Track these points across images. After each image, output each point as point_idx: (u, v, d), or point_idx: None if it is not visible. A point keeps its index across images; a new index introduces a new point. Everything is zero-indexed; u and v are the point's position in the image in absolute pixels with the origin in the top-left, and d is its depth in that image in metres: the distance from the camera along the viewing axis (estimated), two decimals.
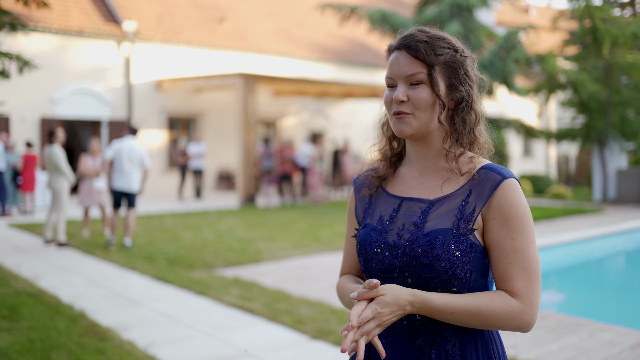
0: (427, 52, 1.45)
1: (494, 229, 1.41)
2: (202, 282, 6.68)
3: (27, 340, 4.56)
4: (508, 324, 1.39)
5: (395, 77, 1.48)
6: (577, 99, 17.45)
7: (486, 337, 1.48)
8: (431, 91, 1.45)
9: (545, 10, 35.43)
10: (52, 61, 16.61)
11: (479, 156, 1.51)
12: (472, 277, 1.42)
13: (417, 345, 1.46)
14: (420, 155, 1.53)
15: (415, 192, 1.53)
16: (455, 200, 1.46)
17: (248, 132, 15.72)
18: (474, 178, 1.46)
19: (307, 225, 11.56)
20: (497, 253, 1.41)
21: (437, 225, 1.43)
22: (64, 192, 9.09)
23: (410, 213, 1.50)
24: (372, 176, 1.63)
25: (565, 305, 7.12)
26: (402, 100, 1.45)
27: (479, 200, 1.43)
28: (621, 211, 14.54)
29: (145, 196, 16.93)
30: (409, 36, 1.48)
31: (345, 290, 1.61)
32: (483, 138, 1.54)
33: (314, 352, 4.50)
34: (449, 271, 1.39)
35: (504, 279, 1.41)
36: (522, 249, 1.40)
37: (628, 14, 20.69)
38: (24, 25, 6.68)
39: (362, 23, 18.13)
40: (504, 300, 1.38)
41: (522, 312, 1.38)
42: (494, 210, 1.42)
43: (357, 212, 1.65)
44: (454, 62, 1.47)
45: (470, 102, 1.50)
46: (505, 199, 1.41)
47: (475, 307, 1.37)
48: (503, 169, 1.46)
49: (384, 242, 1.49)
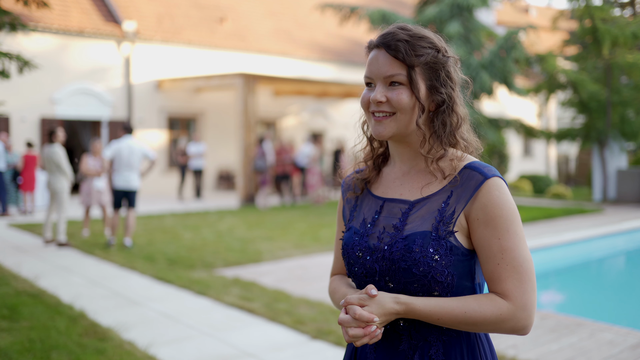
0: (408, 52, 1.40)
1: (479, 230, 1.37)
2: (202, 282, 6.68)
3: (27, 340, 4.56)
4: (500, 328, 1.35)
5: (373, 77, 1.44)
6: (577, 99, 17.45)
7: (472, 340, 1.44)
8: (410, 93, 1.41)
9: (545, 10, 35.43)
10: (52, 61, 16.61)
11: (464, 154, 1.47)
12: (454, 280, 1.38)
13: (401, 351, 1.44)
14: (402, 155, 1.51)
15: (396, 193, 1.50)
16: (436, 202, 1.42)
17: (248, 132, 15.72)
18: (456, 179, 1.42)
19: (307, 225, 11.55)
20: (484, 254, 1.37)
21: (416, 229, 1.40)
22: (65, 191, 9.09)
23: (392, 215, 1.47)
24: (357, 178, 1.60)
25: (565, 305, 7.12)
26: (380, 101, 1.42)
27: (460, 201, 1.39)
28: (621, 211, 14.54)
29: (145, 196, 16.94)
30: (389, 34, 1.43)
31: (337, 292, 1.59)
32: (465, 140, 1.49)
33: (314, 352, 4.50)
34: (428, 275, 1.36)
35: (493, 280, 1.36)
36: (510, 249, 1.35)
37: (628, 14, 20.69)
38: (24, 25, 6.68)
39: (362, 23, 18.12)
40: (493, 304, 1.34)
41: (513, 315, 1.33)
42: (477, 211, 1.37)
43: (344, 214, 1.63)
44: (435, 63, 1.42)
45: (452, 105, 1.45)
46: (488, 198, 1.37)
47: (462, 312, 1.33)
48: (486, 168, 1.41)
49: (365, 246, 1.46)
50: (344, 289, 1.57)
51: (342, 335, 4.73)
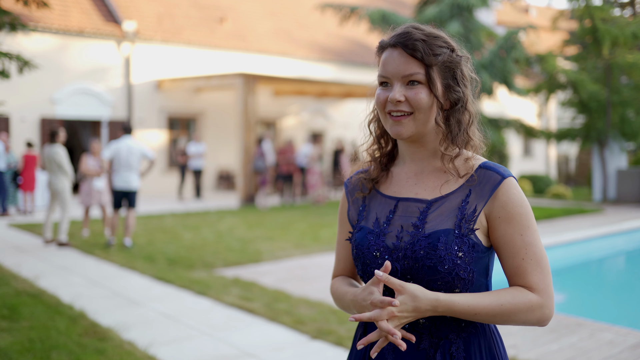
0: (426, 51, 1.41)
1: (502, 227, 1.41)
2: (202, 282, 6.68)
3: (27, 340, 4.56)
4: (530, 319, 1.39)
5: (390, 76, 1.44)
6: (577, 99, 17.45)
7: (488, 335, 1.48)
8: (429, 92, 1.42)
9: (545, 10, 35.43)
10: (52, 61, 16.61)
11: (475, 154, 1.50)
12: (475, 277, 1.41)
13: (422, 349, 1.44)
14: (415, 155, 1.51)
15: (411, 192, 1.50)
16: (455, 201, 1.44)
17: (248, 132, 15.73)
18: (473, 178, 1.44)
19: (307, 225, 11.55)
20: (508, 251, 1.42)
21: (438, 227, 1.41)
22: (67, 191, 9.09)
23: (408, 214, 1.47)
24: (364, 178, 1.60)
25: (565, 305, 7.11)
26: (399, 100, 1.42)
27: (480, 199, 1.42)
28: (621, 211, 14.54)
29: (145, 196, 16.94)
30: (406, 34, 1.44)
31: (341, 292, 1.58)
32: (477, 138, 1.52)
33: (314, 352, 4.50)
34: (452, 272, 1.38)
35: (518, 275, 1.41)
36: (532, 244, 1.41)
37: (628, 14, 20.68)
38: (24, 25, 6.68)
39: (362, 23, 18.13)
40: (524, 295, 1.39)
41: (542, 306, 1.39)
42: (498, 210, 1.41)
43: (350, 215, 1.62)
44: (451, 62, 1.45)
45: (465, 103, 1.48)
46: (508, 197, 1.41)
47: (499, 305, 1.37)
48: (501, 168, 1.45)
49: (383, 246, 1.46)
50: (350, 288, 1.56)
51: (342, 335, 4.73)
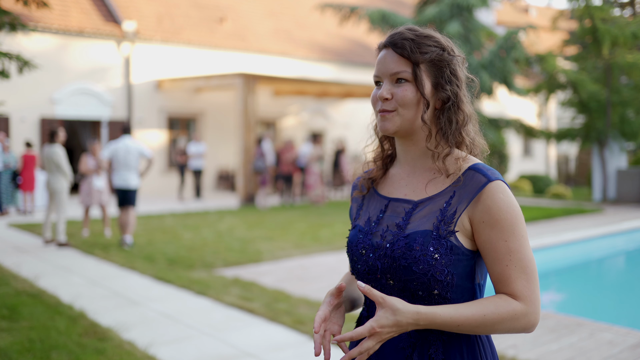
0: (413, 49, 1.45)
1: (485, 232, 1.39)
2: (202, 282, 6.68)
3: (27, 340, 4.56)
4: (514, 327, 1.37)
5: (381, 75, 1.49)
6: (577, 99, 17.45)
7: (472, 340, 1.45)
8: (415, 89, 1.45)
9: (545, 10, 35.43)
10: (52, 61, 16.61)
11: (469, 155, 1.49)
12: (454, 279, 1.39)
13: (400, 349, 1.46)
14: (408, 154, 1.53)
15: (401, 193, 1.53)
16: (439, 202, 1.45)
17: (248, 132, 15.72)
18: (459, 180, 1.44)
19: (307, 225, 11.55)
20: (492, 256, 1.40)
21: (417, 227, 1.43)
22: (64, 191, 9.10)
23: (395, 214, 1.50)
24: (365, 178, 1.65)
25: (565, 305, 7.12)
26: (386, 98, 1.46)
27: (461, 202, 1.42)
28: (621, 211, 14.54)
29: (145, 196, 16.94)
30: (397, 34, 1.48)
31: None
32: (471, 138, 1.52)
33: (313, 352, 4.49)
34: (427, 274, 1.38)
35: (502, 281, 1.39)
36: (516, 250, 1.38)
37: (628, 14, 20.69)
38: (24, 25, 6.68)
39: (362, 23, 18.13)
40: (508, 304, 1.37)
41: (526, 314, 1.37)
42: (482, 214, 1.39)
43: (351, 214, 1.68)
44: (440, 61, 1.46)
45: (457, 102, 1.48)
46: (492, 201, 1.39)
47: (482, 315, 1.35)
48: (490, 171, 1.43)
49: (369, 244, 1.50)
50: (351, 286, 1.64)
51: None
